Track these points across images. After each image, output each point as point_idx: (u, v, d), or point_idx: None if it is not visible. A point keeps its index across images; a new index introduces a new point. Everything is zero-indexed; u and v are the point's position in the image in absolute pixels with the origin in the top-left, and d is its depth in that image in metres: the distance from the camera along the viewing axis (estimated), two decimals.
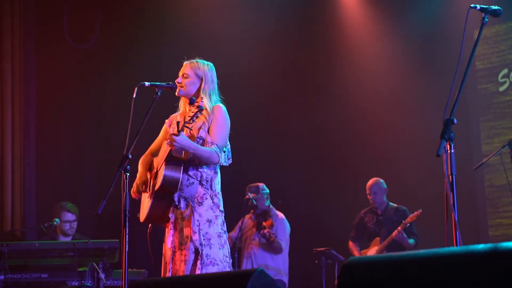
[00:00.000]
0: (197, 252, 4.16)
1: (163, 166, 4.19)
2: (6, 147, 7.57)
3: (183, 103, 4.49)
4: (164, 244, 4.36)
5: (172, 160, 4.20)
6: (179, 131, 4.09)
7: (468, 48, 3.38)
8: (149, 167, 4.49)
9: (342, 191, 8.25)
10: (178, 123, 4.14)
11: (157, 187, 4.21)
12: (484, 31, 3.46)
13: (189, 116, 4.13)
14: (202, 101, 4.23)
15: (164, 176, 4.16)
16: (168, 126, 4.53)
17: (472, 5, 3.47)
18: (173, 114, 4.56)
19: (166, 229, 4.36)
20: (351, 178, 8.09)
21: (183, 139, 4.10)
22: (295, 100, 8.87)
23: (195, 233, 4.18)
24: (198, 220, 4.21)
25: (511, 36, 8.13)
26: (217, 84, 4.46)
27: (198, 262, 4.15)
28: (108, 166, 5.20)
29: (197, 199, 4.25)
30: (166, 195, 4.25)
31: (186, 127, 4.16)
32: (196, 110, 4.11)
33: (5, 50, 7.74)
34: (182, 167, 4.20)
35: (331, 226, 8.10)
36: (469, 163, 7.15)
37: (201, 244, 4.17)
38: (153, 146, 4.58)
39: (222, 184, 4.41)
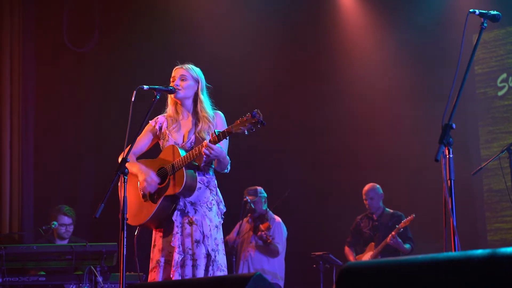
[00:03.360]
0: (209, 257, 4.17)
1: (184, 172, 4.18)
2: (5, 150, 7.57)
3: (172, 106, 4.47)
4: (153, 249, 4.33)
5: (191, 167, 4.23)
6: (219, 140, 4.07)
7: (467, 53, 3.37)
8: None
9: (341, 195, 8.24)
10: (218, 132, 4.06)
11: (175, 191, 4.20)
12: (483, 35, 3.45)
13: (241, 128, 3.99)
14: (261, 115, 4.05)
15: (186, 183, 4.17)
16: (159, 128, 4.50)
17: (471, 10, 3.47)
18: (160, 115, 4.55)
19: (155, 233, 4.35)
20: (350, 182, 8.08)
21: (220, 149, 4.12)
22: (293, 103, 8.86)
23: (208, 238, 4.19)
24: (209, 225, 4.23)
25: (510, 41, 8.13)
26: (207, 87, 4.50)
27: (210, 267, 4.16)
28: (106, 169, 5.18)
29: (207, 205, 4.28)
30: (175, 200, 4.26)
31: (220, 139, 4.10)
32: (254, 122, 3.98)
33: (4, 53, 7.74)
34: (197, 174, 4.25)
35: (329, 230, 8.10)
36: (467, 168, 7.14)
37: (213, 250, 4.19)
38: (136, 146, 4.43)
39: (220, 187, 4.43)
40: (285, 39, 8.81)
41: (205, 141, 4.09)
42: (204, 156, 4.11)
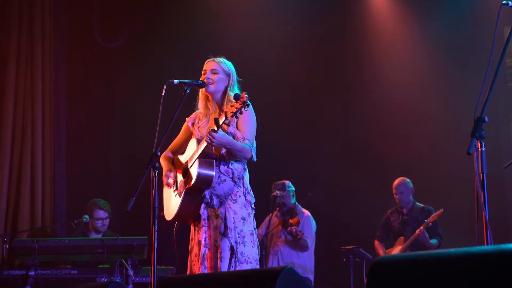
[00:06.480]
0: (232, 250, 4.17)
1: (196, 163, 4.15)
2: (37, 144, 7.66)
3: (203, 101, 4.46)
4: (191, 242, 4.37)
5: (205, 157, 4.17)
6: (218, 128, 4.02)
7: (500, 45, 3.33)
8: (172, 163, 4.51)
9: (370, 189, 8.21)
10: (216, 119, 4.03)
11: (190, 184, 4.18)
12: None
13: (231, 112, 3.94)
14: (247, 96, 3.96)
15: (198, 174, 4.12)
16: (191, 125, 4.51)
17: (504, 2, 3.43)
18: (194, 112, 4.55)
19: (192, 227, 4.37)
20: (379, 176, 8.05)
21: (222, 135, 4.06)
22: (322, 97, 8.83)
23: (231, 230, 4.18)
24: (233, 218, 4.21)
25: None
26: (238, 81, 4.46)
27: (232, 259, 4.15)
28: (137, 163, 5.23)
29: (231, 197, 4.25)
30: (198, 193, 4.23)
31: (225, 123, 4.09)
32: (240, 105, 3.91)
33: (36, 49, 7.83)
34: (214, 164, 4.19)
35: (359, 224, 8.07)
36: (499, 161, 7.06)
37: (236, 242, 4.17)
38: (173, 144, 4.57)
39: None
40: (313, 37, 8.77)
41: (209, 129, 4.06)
42: (208, 144, 4.06)
